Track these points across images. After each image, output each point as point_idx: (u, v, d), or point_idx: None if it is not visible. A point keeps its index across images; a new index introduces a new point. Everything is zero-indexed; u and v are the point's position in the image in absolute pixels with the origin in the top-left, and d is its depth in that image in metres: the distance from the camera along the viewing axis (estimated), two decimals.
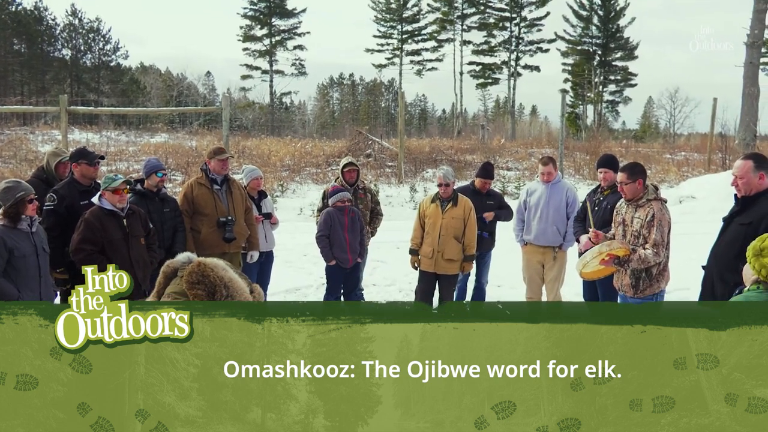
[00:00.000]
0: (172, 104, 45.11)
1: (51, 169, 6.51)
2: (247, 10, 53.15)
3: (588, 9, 53.36)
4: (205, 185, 6.68)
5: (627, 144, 30.55)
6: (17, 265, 4.80)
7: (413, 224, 7.35)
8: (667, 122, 59.46)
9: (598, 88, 52.64)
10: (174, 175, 17.02)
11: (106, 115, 30.04)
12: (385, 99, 68.15)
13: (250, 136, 29.59)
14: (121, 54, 54.52)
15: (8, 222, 4.83)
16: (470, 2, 54.39)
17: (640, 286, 5.29)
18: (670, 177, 21.14)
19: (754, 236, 4.12)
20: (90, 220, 5.37)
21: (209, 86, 65.40)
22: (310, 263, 10.44)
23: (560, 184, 7.17)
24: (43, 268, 5.01)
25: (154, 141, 25.13)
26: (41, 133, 24.94)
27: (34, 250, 4.93)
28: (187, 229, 6.49)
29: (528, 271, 7.25)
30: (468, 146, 25.97)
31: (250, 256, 6.97)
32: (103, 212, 5.41)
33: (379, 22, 57.08)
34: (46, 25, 53.22)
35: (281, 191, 16.97)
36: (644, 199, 5.30)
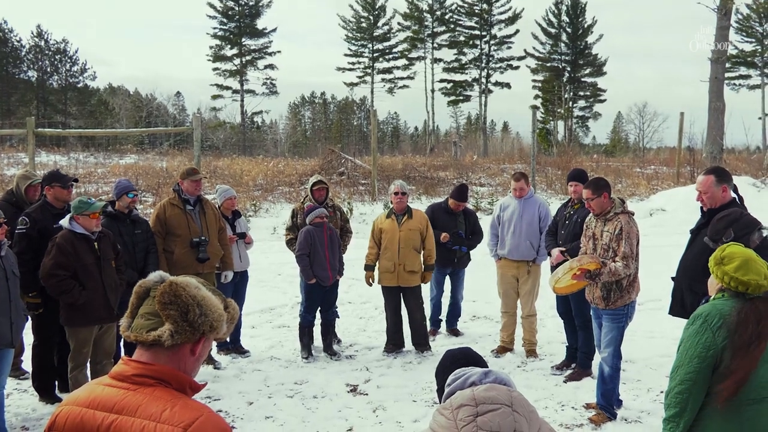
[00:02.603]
0: (141, 125, 44.70)
1: (21, 192, 6.41)
2: (217, 30, 53.06)
3: (556, 26, 54.31)
4: (178, 206, 6.65)
5: (597, 158, 31.00)
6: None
7: (368, 242, 7.41)
8: (636, 137, 60.52)
9: (568, 104, 53.42)
10: (145, 197, 16.85)
11: (74, 137, 29.69)
12: (357, 117, 68.37)
13: (221, 155, 29.47)
14: (88, 75, 54.00)
15: None
16: (440, 20, 55.01)
17: (612, 298, 5.38)
18: (641, 190, 21.46)
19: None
20: (62, 244, 5.27)
21: (179, 106, 65.13)
22: (285, 282, 10.41)
23: (533, 199, 7.26)
24: (12, 292, 4.93)
25: (123, 162, 24.88)
26: (7, 156, 24.53)
27: (4, 275, 4.86)
28: (160, 250, 6.44)
29: (503, 285, 7.31)
30: (441, 163, 26.14)
31: (225, 276, 6.93)
32: (74, 236, 5.32)
33: (350, 41, 57.43)
34: (11, 47, 52.47)
35: (254, 211, 16.88)
36: (612, 212, 5.41)
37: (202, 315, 1.82)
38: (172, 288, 1.82)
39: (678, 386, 3.04)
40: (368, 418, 5.59)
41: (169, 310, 1.80)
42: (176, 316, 1.80)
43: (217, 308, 1.87)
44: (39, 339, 5.91)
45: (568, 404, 5.84)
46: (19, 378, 6.36)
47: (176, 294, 1.81)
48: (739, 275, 2.99)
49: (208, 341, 1.90)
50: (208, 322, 1.84)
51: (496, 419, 1.99)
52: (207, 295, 1.87)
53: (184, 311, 1.80)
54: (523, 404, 2.08)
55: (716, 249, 3.19)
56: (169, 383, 1.78)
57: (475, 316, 8.73)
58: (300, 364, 6.97)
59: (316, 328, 7.34)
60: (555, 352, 7.19)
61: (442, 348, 7.35)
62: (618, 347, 5.46)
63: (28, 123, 13.70)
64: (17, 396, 6.04)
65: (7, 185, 12.76)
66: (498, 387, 2.10)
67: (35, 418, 5.57)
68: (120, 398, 1.75)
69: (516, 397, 2.08)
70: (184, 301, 1.80)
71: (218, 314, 1.87)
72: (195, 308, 1.81)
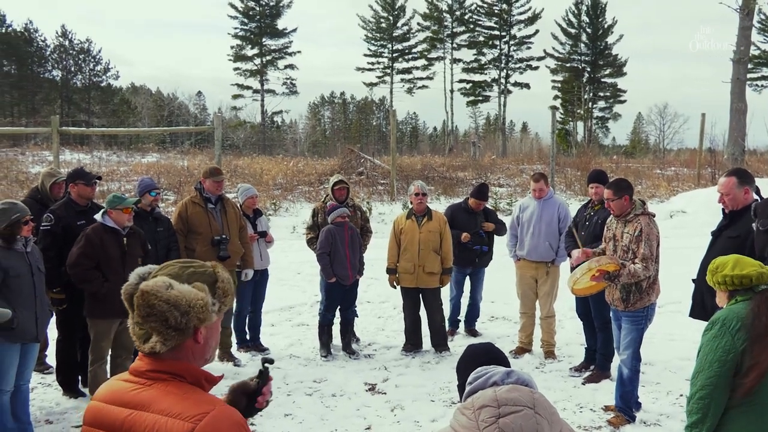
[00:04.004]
0: (163, 124, 45.13)
1: (46, 189, 6.53)
2: (238, 30, 53.40)
3: (576, 27, 53.98)
4: (200, 204, 6.72)
5: (617, 160, 30.78)
6: (12, 285, 4.82)
7: (388, 243, 7.41)
8: (656, 138, 59.97)
9: (587, 105, 53.08)
10: (166, 195, 17.02)
11: (96, 136, 30.05)
12: (376, 117, 68.40)
13: (242, 155, 29.65)
14: (111, 74, 54.55)
15: (3, 243, 4.85)
16: (460, 21, 54.90)
17: (631, 300, 5.35)
18: (661, 192, 21.30)
19: (742, 249, 4.21)
20: (90, 235, 5.43)
21: (200, 106, 65.64)
22: (304, 281, 10.48)
23: (552, 199, 7.25)
24: (38, 288, 5.02)
25: (145, 161, 25.13)
26: (32, 154, 24.91)
27: (29, 270, 4.95)
28: (182, 248, 6.52)
29: (521, 286, 7.30)
30: (459, 163, 26.11)
31: (245, 275, 7.00)
32: (104, 229, 5.46)
33: (369, 41, 57.51)
34: (36, 47, 53.23)
35: (274, 210, 16.99)
36: (632, 214, 5.38)
37: (184, 315, 1.76)
38: (145, 299, 1.76)
39: (699, 392, 3.03)
40: (386, 417, 5.61)
41: (150, 322, 1.77)
42: (158, 327, 1.76)
43: (197, 300, 1.78)
44: (63, 334, 6.02)
45: (587, 406, 5.82)
46: (43, 372, 6.46)
47: (149, 304, 1.75)
48: (737, 272, 3.08)
49: (207, 327, 1.85)
50: (194, 318, 1.78)
51: (518, 421, 1.99)
52: (181, 291, 1.77)
53: (164, 320, 1.75)
54: (545, 406, 2.08)
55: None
56: (183, 377, 1.78)
57: (494, 317, 8.73)
58: (319, 362, 7.02)
59: (335, 327, 7.38)
60: (573, 353, 7.17)
61: (461, 348, 7.34)
62: (637, 349, 5.44)
63: (53, 122, 13.90)
64: (41, 390, 6.15)
65: (32, 183, 12.96)
66: (520, 388, 2.10)
67: (59, 412, 5.67)
68: (135, 393, 1.77)
69: (538, 399, 2.07)
70: (159, 310, 1.75)
71: (200, 306, 1.78)
72: (173, 312, 1.75)
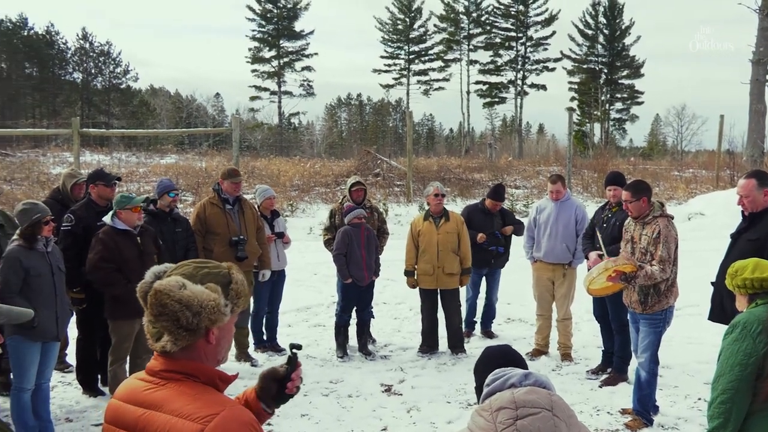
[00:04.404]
0: (181, 126, 45.46)
1: (67, 190, 6.61)
2: (256, 32, 53.71)
3: (593, 28, 53.68)
4: (218, 205, 6.78)
5: (635, 161, 30.60)
6: (33, 284, 4.88)
7: (406, 245, 7.41)
8: (674, 139, 59.56)
9: (604, 106, 52.78)
10: (185, 196, 17.15)
11: (116, 137, 30.34)
12: (392, 119, 68.44)
13: (259, 156, 29.80)
14: (131, 76, 55.16)
15: (24, 242, 4.92)
16: (476, 22, 54.82)
17: (649, 302, 5.32)
18: (679, 194, 21.13)
19: (762, 252, 4.18)
20: (104, 239, 5.43)
21: (218, 107, 66.08)
22: (321, 282, 10.51)
23: (569, 201, 7.22)
24: (58, 287, 5.08)
25: (164, 162, 25.34)
26: (53, 155, 25.21)
27: (50, 270, 5.01)
28: (200, 248, 6.57)
29: (538, 288, 7.28)
30: (476, 165, 26.08)
31: (262, 275, 7.04)
32: (116, 232, 5.48)
33: (386, 43, 57.59)
34: (57, 49, 53.91)
35: (291, 211, 17.06)
36: (650, 216, 5.34)
37: (195, 315, 1.76)
38: (157, 297, 1.76)
39: (720, 396, 3.01)
40: (402, 418, 5.62)
41: (162, 321, 1.78)
42: (170, 326, 1.77)
43: (209, 302, 1.78)
44: (83, 334, 6.08)
45: (604, 409, 5.79)
46: (63, 371, 6.54)
47: (162, 304, 1.76)
48: (758, 275, 3.07)
49: (219, 328, 1.85)
50: (205, 319, 1.78)
51: (536, 423, 1.98)
52: (193, 292, 1.78)
53: (175, 319, 1.76)
54: (563, 408, 2.07)
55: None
56: (196, 377, 1.79)
57: (510, 319, 8.71)
58: (335, 363, 7.04)
59: (352, 328, 7.40)
60: (590, 356, 7.13)
61: (477, 350, 7.35)
62: (655, 352, 5.40)
63: (74, 123, 14.07)
64: (62, 388, 6.22)
65: (53, 184, 13.10)
66: (538, 390, 2.08)
67: (78, 410, 5.74)
68: (149, 393, 1.78)
69: (556, 401, 2.06)
70: (171, 310, 1.75)
71: (212, 307, 1.78)
72: (185, 312, 1.75)
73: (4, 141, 28.48)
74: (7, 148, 27.11)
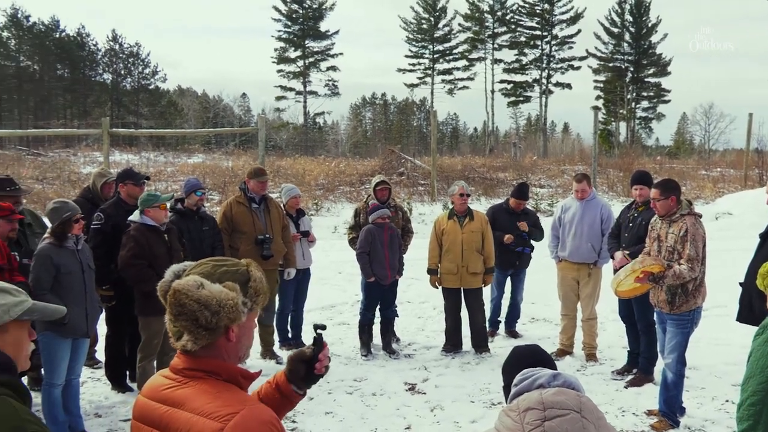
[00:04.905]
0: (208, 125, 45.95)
1: (97, 189, 6.72)
2: (282, 32, 54.06)
3: (620, 26, 53.13)
4: (244, 204, 6.85)
5: (661, 160, 30.26)
6: (64, 281, 4.98)
7: (429, 244, 7.41)
8: (701, 138, 58.73)
9: (630, 105, 52.20)
10: (211, 195, 17.32)
11: (145, 137, 30.74)
12: (417, 118, 68.42)
13: (284, 155, 29.99)
14: (159, 77, 55.88)
15: (55, 240, 5.01)
16: (501, 21, 54.56)
17: (676, 303, 5.26)
18: (706, 193, 20.85)
19: None
20: (136, 236, 5.51)
21: (245, 107, 66.69)
22: (345, 280, 10.56)
23: (595, 200, 7.16)
24: (88, 284, 5.17)
25: (191, 161, 25.62)
26: (83, 155, 25.62)
27: (80, 267, 5.09)
28: (226, 246, 6.64)
29: (563, 288, 7.24)
30: (500, 164, 25.98)
31: (287, 273, 7.09)
32: (146, 228, 5.56)
33: (410, 43, 57.57)
34: (88, 51, 54.81)
35: (316, 210, 17.15)
36: (678, 214, 5.28)
37: (214, 315, 1.77)
38: (176, 297, 1.78)
39: (750, 398, 2.97)
40: (426, 417, 5.63)
41: (181, 321, 1.79)
42: (189, 326, 1.78)
43: (227, 300, 1.78)
44: (112, 330, 6.18)
45: (629, 410, 5.75)
46: (93, 367, 6.65)
47: (181, 303, 1.77)
48: None
49: (239, 326, 1.85)
50: (224, 318, 1.78)
51: (564, 425, 1.96)
52: (211, 291, 1.78)
53: (194, 319, 1.77)
54: (592, 410, 2.04)
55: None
56: (218, 375, 1.79)
57: (534, 318, 8.67)
58: (359, 361, 7.08)
59: (376, 327, 7.43)
60: (615, 356, 7.08)
61: (501, 349, 7.34)
62: (682, 353, 5.35)
63: (103, 123, 14.30)
64: (91, 384, 6.33)
65: (84, 183, 13.32)
66: (567, 391, 2.07)
67: (107, 406, 5.84)
68: (172, 391, 1.80)
69: (585, 403, 2.04)
70: (190, 309, 1.76)
71: (231, 306, 1.79)
72: (203, 312, 1.76)
73: (36, 141, 29.08)
74: (39, 148, 27.68)
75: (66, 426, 5.05)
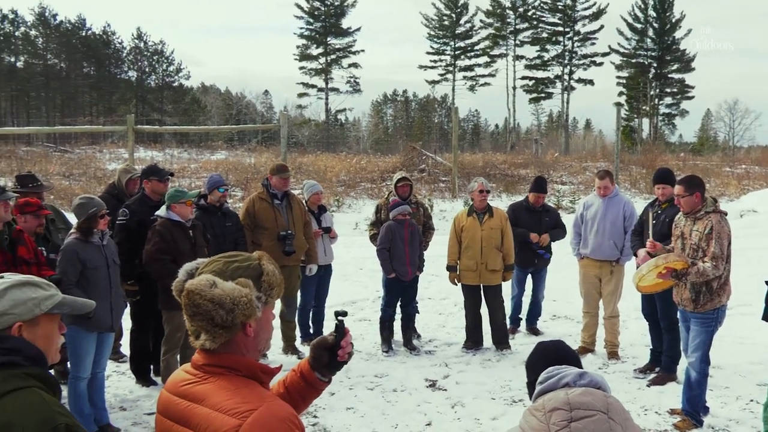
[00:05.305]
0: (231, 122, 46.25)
1: (122, 185, 6.81)
2: (304, 30, 54.21)
3: (643, 22, 52.53)
4: (266, 200, 6.90)
5: (684, 157, 29.90)
6: (89, 276, 5.05)
7: (448, 240, 7.40)
8: (726, 135, 57.92)
9: (653, 101, 51.60)
10: (234, 191, 17.45)
11: (169, 134, 31.02)
12: (438, 114, 68.27)
13: (306, 152, 30.11)
14: (183, 75, 56.41)
15: (81, 236, 5.08)
16: (523, 17, 54.20)
17: (701, 301, 5.20)
18: (730, 191, 20.59)
19: None
20: (162, 231, 5.57)
21: (267, 104, 67.02)
22: (366, 277, 10.59)
23: (617, 197, 7.10)
24: (113, 279, 5.24)
25: (214, 158, 25.83)
26: (108, 152, 25.94)
27: (105, 263, 5.16)
28: (249, 242, 6.69)
29: (585, 285, 7.20)
30: (521, 161, 25.83)
31: (309, 269, 7.14)
32: (171, 224, 5.62)
33: (432, 39, 57.40)
34: (113, 49, 55.45)
35: (337, 206, 17.21)
36: (703, 211, 5.21)
37: (229, 313, 1.77)
38: (190, 298, 1.78)
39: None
40: (447, 413, 5.64)
41: (197, 321, 1.80)
42: (205, 326, 1.79)
43: (241, 297, 1.78)
44: (136, 325, 6.27)
45: (652, 409, 5.71)
46: (118, 361, 6.74)
47: (195, 304, 1.77)
48: None
49: (256, 320, 1.85)
50: (240, 315, 1.79)
51: (590, 426, 1.93)
52: (224, 290, 1.77)
53: (209, 318, 1.77)
54: (619, 411, 2.01)
55: None
56: (238, 370, 1.80)
57: (556, 316, 8.63)
58: (380, 357, 7.10)
59: (396, 323, 7.45)
60: (638, 354, 7.03)
61: (522, 347, 7.33)
62: (706, 352, 5.29)
63: (128, 120, 14.48)
64: (116, 378, 6.42)
65: (109, 179, 13.50)
66: (594, 392, 2.03)
67: (132, 399, 5.92)
68: (192, 386, 1.82)
69: (612, 404, 2.01)
70: (204, 309, 1.77)
71: (245, 302, 1.78)
72: (218, 311, 1.76)
73: (63, 138, 29.47)
74: (66, 145, 28.05)
75: (91, 419, 5.12)
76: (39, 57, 53.55)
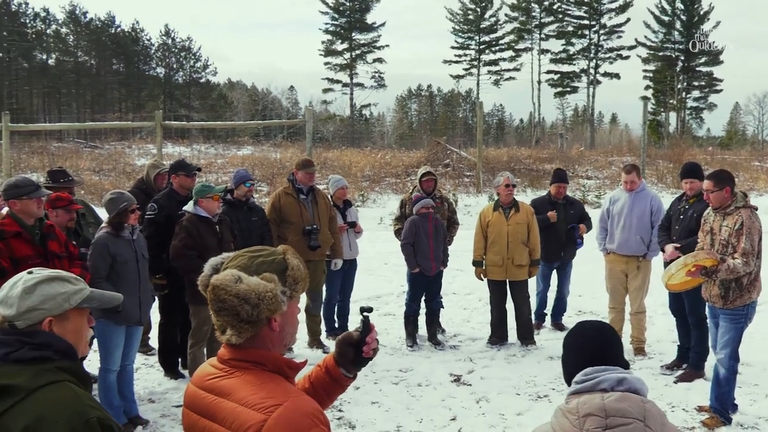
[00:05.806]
0: (257, 118, 46.56)
1: (150, 180, 6.89)
2: (329, 25, 54.37)
3: (670, 14, 51.70)
4: (292, 195, 6.94)
5: (712, 151, 29.45)
6: (119, 270, 5.13)
7: (474, 236, 7.38)
8: (755, 128, 56.91)
9: (680, 95, 50.83)
10: (260, 186, 17.57)
11: (196, 129, 31.35)
12: (462, 109, 68.03)
13: (331, 147, 30.21)
14: (210, 71, 56.93)
15: (112, 230, 5.16)
16: (548, 11, 53.71)
17: (730, 297, 5.13)
18: (760, 185, 20.24)
19: None
20: (188, 226, 5.63)
21: (292, 100, 67.36)
22: (391, 271, 10.61)
23: (644, 192, 7.02)
24: (142, 273, 5.31)
25: (240, 153, 26.03)
26: (137, 147, 26.28)
27: (135, 257, 5.24)
28: (274, 236, 6.75)
29: (611, 280, 7.14)
30: (546, 155, 25.66)
31: (335, 264, 7.17)
32: (198, 219, 5.68)
33: (457, 34, 57.18)
34: (142, 46, 56.11)
35: (362, 201, 17.25)
36: (732, 206, 5.13)
37: (254, 308, 1.77)
38: (216, 294, 1.78)
39: None
40: (471, 408, 5.64)
41: (222, 316, 1.80)
42: (231, 321, 1.79)
43: (266, 293, 1.77)
44: (164, 318, 6.34)
45: (679, 406, 5.65)
46: (146, 354, 6.84)
47: (220, 299, 1.77)
48: None
49: (281, 314, 1.84)
50: (265, 310, 1.78)
51: None
52: (249, 285, 1.77)
53: (235, 314, 1.77)
54: (656, 417, 1.96)
55: None
56: (263, 365, 1.81)
57: (581, 311, 8.57)
58: (405, 352, 7.12)
59: (421, 318, 7.45)
60: (665, 351, 6.95)
61: (547, 342, 7.29)
62: (735, 349, 5.21)
63: (157, 116, 14.66)
64: (145, 370, 6.52)
65: (138, 174, 13.69)
66: (630, 397, 1.97)
67: (160, 392, 6.00)
68: (218, 381, 1.83)
69: (649, 410, 1.96)
70: (230, 304, 1.77)
71: (270, 297, 1.78)
72: (244, 306, 1.76)
73: (93, 134, 29.96)
74: (96, 141, 28.51)
75: (121, 410, 5.19)
76: (70, 54, 54.40)
